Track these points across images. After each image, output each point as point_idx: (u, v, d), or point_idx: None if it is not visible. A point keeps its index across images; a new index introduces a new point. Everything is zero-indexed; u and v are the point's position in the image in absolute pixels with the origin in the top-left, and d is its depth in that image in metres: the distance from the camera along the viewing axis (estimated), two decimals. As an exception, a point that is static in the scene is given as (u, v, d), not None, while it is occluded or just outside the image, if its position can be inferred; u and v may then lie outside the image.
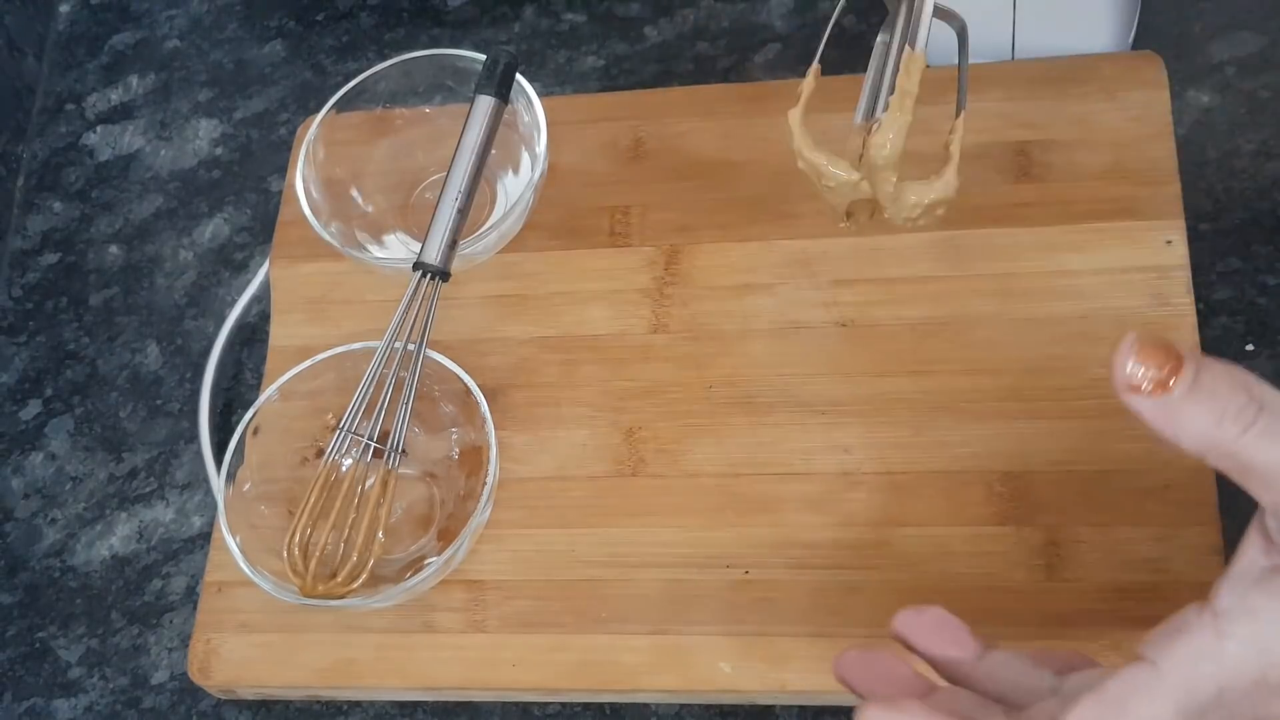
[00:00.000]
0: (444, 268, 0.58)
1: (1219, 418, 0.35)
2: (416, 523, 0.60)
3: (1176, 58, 0.62)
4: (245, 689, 0.59)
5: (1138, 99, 0.60)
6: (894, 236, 0.59)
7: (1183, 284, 0.56)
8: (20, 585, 0.65)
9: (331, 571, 0.56)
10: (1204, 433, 0.35)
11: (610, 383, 0.60)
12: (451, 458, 0.60)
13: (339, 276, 0.65)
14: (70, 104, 0.80)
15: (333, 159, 0.64)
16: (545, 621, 0.56)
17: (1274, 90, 0.62)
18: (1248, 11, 0.64)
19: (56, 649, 0.63)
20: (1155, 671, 0.34)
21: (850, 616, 0.53)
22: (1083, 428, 0.54)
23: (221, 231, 0.73)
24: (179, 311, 0.71)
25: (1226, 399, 0.35)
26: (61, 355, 0.71)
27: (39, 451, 0.69)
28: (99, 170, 0.77)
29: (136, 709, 0.61)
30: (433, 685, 0.56)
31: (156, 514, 0.65)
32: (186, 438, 0.67)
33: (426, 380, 0.59)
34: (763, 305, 0.60)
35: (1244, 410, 0.35)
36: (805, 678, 0.53)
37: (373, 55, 0.76)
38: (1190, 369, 0.35)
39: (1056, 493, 0.53)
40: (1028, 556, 0.53)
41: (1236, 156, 0.61)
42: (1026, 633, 0.51)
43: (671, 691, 0.54)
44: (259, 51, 0.78)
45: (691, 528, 0.56)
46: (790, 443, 0.57)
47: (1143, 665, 0.35)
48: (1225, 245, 0.59)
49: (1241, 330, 0.57)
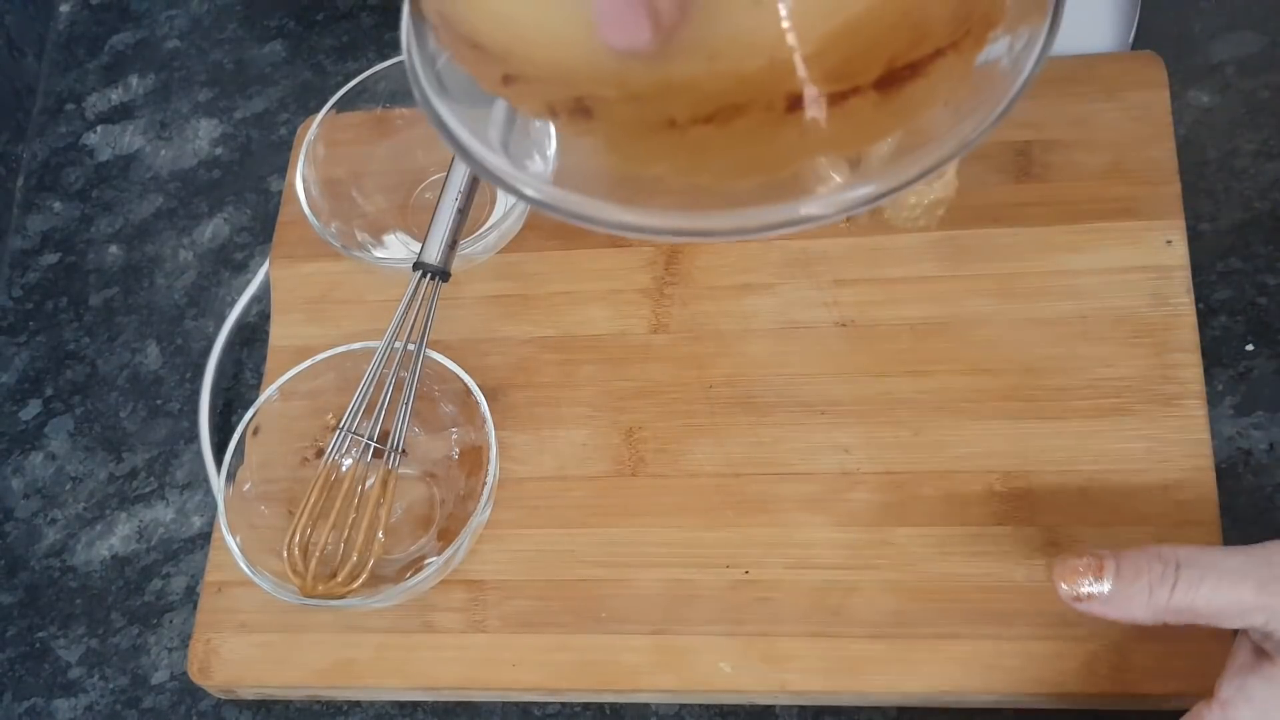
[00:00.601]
0: (444, 268, 0.58)
1: (1149, 589, 0.42)
2: (416, 523, 0.60)
3: (1177, 58, 0.62)
4: (245, 689, 0.59)
5: (1138, 99, 0.60)
6: (894, 236, 0.59)
7: (1183, 284, 0.56)
8: (20, 585, 0.65)
9: (331, 571, 0.56)
10: (1144, 604, 0.42)
11: (610, 383, 0.60)
12: (451, 458, 0.60)
13: (339, 276, 0.65)
14: (70, 104, 0.80)
15: (333, 159, 0.64)
16: (545, 621, 0.56)
17: (1274, 90, 0.62)
18: (1248, 11, 0.64)
19: (56, 649, 0.63)
20: None
21: (850, 616, 0.53)
22: (1083, 428, 0.54)
23: (221, 231, 0.73)
24: (179, 311, 0.71)
25: (1147, 572, 0.42)
26: (61, 355, 0.71)
27: (39, 451, 0.69)
28: (99, 170, 0.77)
29: (136, 709, 0.61)
30: (433, 685, 0.56)
31: (156, 514, 0.65)
32: (186, 438, 0.67)
33: (426, 380, 0.59)
34: (763, 305, 0.60)
35: (1165, 574, 0.42)
36: (805, 678, 0.53)
37: (373, 55, 0.76)
38: (1110, 565, 0.43)
39: (1056, 493, 0.53)
40: (1028, 556, 0.53)
41: (1237, 156, 0.61)
42: (1026, 633, 0.51)
43: (671, 691, 0.54)
44: (259, 51, 0.78)
45: (691, 528, 0.56)
46: (790, 443, 0.57)
47: None
48: (1225, 245, 0.59)
49: (1242, 330, 0.57)
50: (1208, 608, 0.41)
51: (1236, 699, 0.41)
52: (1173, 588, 0.42)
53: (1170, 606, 0.42)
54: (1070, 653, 0.50)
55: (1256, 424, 0.56)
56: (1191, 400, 0.54)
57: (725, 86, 0.33)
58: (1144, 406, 0.54)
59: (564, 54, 0.34)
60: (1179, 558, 0.42)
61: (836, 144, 0.35)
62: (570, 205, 0.37)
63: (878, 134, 0.35)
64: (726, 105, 0.33)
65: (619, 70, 0.33)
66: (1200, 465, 0.53)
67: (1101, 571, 0.43)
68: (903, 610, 0.53)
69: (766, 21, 0.32)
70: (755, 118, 0.33)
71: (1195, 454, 0.53)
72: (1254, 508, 0.54)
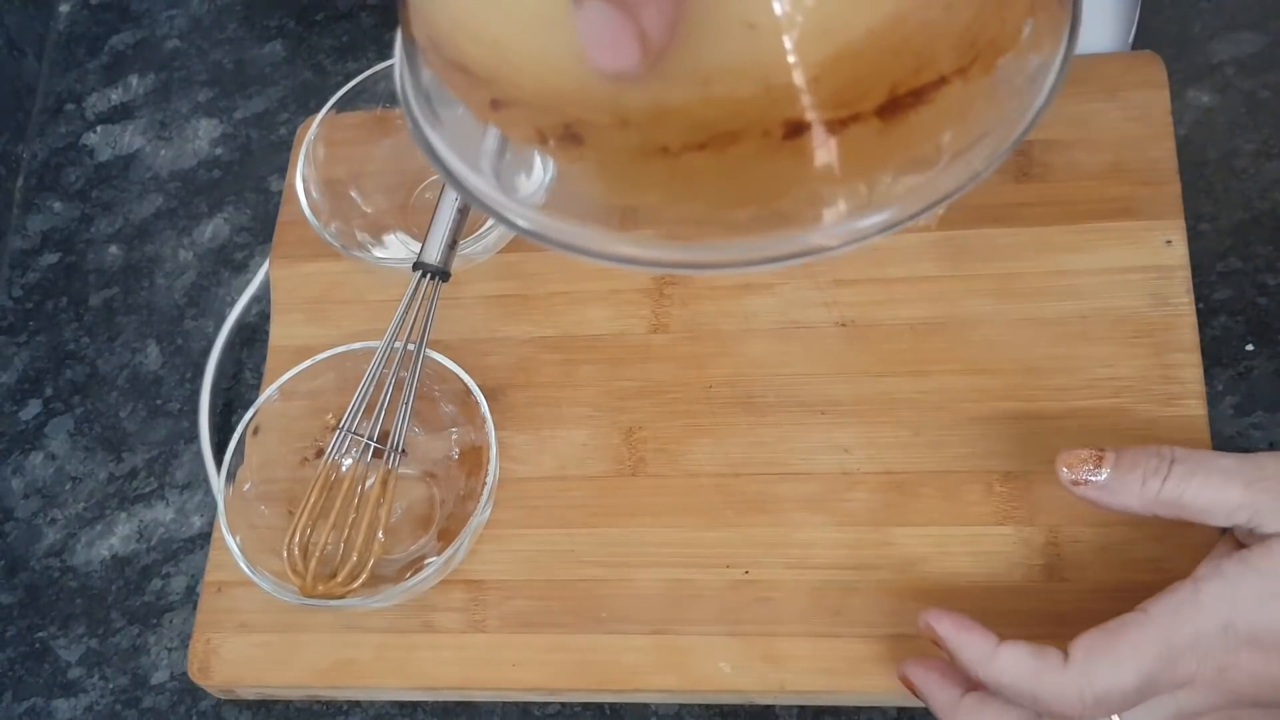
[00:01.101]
0: (444, 268, 0.58)
1: (1142, 479, 0.45)
2: (416, 523, 0.60)
3: (1176, 57, 0.62)
4: (245, 689, 0.59)
5: (1138, 99, 0.60)
6: (894, 236, 0.59)
7: (1183, 284, 0.56)
8: (20, 585, 0.65)
9: (331, 571, 0.56)
10: (1137, 494, 0.45)
11: (610, 383, 0.60)
12: (451, 458, 0.60)
13: (339, 276, 0.65)
14: (70, 104, 0.80)
15: (333, 159, 0.64)
16: (545, 621, 0.56)
17: (1274, 90, 0.62)
18: (1247, 11, 0.64)
19: (56, 649, 0.63)
20: (1145, 615, 0.43)
21: (850, 616, 0.53)
22: (1083, 427, 0.54)
23: (221, 231, 0.73)
24: (179, 311, 0.71)
25: (1143, 464, 0.45)
26: (61, 355, 0.71)
27: (39, 451, 0.69)
28: (99, 170, 0.77)
29: (136, 709, 0.61)
30: (433, 685, 0.56)
31: (156, 514, 0.65)
32: (186, 438, 0.67)
33: (426, 380, 0.59)
34: (763, 305, 0.60)
35: (1159, 467, 0.44)
36: (805, 678, 0.53)
37: (373, 55, 0.76)
38: (1109, 456, 0.46)
39: (1056, 492, 0.53)
40: (1027, 556, 0.53)
41: (1236, 156, 0.61)
42: (1026, 633, 0.51)
43: (671, 691, 0.54)
44: (259, 51, 0.78)
45: (691, 527, 0.56)
46: (790, 443, 0.57)
47: (1135, 612, 0.43)
48: (1225, 245, 0.59)
49: (1242, 330, 0.57)
50: (1195, 501, 0.44)
51: (1210, 575, 0.43)
52: (1164, 479, 0.44)
53: (1161, 498, 0.44)
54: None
55: (1256, 424, 0.56)
56: (1191, 400, 0.54)
57: (719, 113, 0.32)
58: (1144, 406, 0.54)
59: (552, 78, 0.33)
60: (1174, 454, 0.44)
61: (837, 173, 0.34)
62: (562, 236, 0.36)
63: (881, 162, 0.34)
64: (721, 132, 0.32)
65: (609, 95, 0.32)
66: (1200, 465, 0.53)
67: (1101, 462, 0.45)
68: (903, 610, 0.53)
69: (762, 46, 0.31)
70: (751, 145, 0.32)
71: (1195, 454, 0.53)
72: (1254, 508, 0.54)
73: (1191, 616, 0.42)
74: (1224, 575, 0.42)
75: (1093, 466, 0.46)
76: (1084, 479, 0.46)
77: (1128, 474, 0.45)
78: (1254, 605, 0.42)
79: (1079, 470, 0.46)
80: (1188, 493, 0.44)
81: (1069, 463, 0.46)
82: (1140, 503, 0.45)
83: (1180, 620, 0.42)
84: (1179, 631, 0.42)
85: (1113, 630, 0.43)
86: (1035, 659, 0.44)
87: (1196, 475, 0.44)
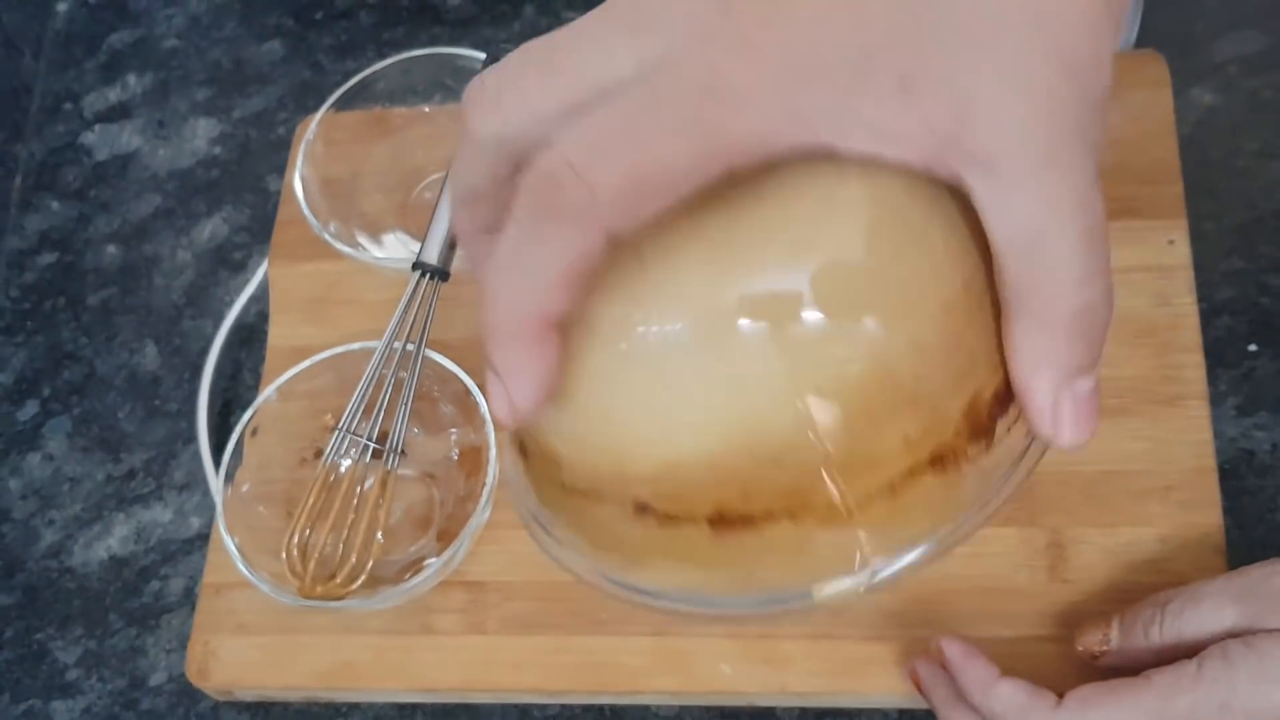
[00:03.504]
0: (444, 268, 0.58)
1: (1144, 632, 0.46)
2: (416, 524, 0.59)
3: (1179, 57, 0.62)
4: (243, 691, 0.58)
5: (1140, 98, 0.59)
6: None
7: (1185, 284, 0.56)
8: (18, 586, 0.65)
9: (330, 573, 0.56)
10: (1145, 646, 0.46)
11: (610, 383, 0.60)
12: (451, 458, 0.60)
13: (338, 276, 0.65)
14: (68, 103, 0.79)
15: (332, 158, 0.64)
16: (545, 623, 0.56)
17: (1277, 89, 0.62)
18: (1250, 10, 0.64)
19: (54, 650, 0.63)
20: (1146, 681, 0.44)
21: (850, 617, 0.53)
22: (1085, 428, 0.54)
23: (220, 231, 0.72)
24: (177, 311, 0.71)
25: (1142, 617, 0.46)
26: (59, 355, 0.71)
27: (36, 452, 0.68)
28: (97, 170, 0.76)
29: (134, 711, 0.61)
30: (432, 687, 0.56)
31: (154, 515, 0.65)
32: (185, 438, 0.67)
33: (426, 380, 0.59)
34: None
35: (1153, 615, 0.46)
36: (806, 679, 0.52)
37: (372, 54, 0.75)
38: (1115, 620, 0.47)
39: (1059, 493, 0.53)
40: (1030, 557, 0.52)
41: (1239, 156, 0.61)
42: (1028, 634, 0.51)
43: (672, 693, 0.54)
44: (257, 50, 0.78)
45: (692, 529, 0.56)
46: (791, 443, 0.57)
47: (1139, 678, 0.44)
48: (1228, 245, 0.59)
49: (1244, 330, 0.57)
50: (1197, 634, 0.45)
51: (1214, 654, 0.43)
52: (1160, 625, 0.46)
53: (1165, 642, 0.45)
54: (1070, 653, 0.50)
55: (1259, 424, 0.55)
56: (1194, 400, 0.54)
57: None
58: (1146, 407, 0.54)
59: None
60: (1165, 597, 0.46)
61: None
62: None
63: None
64: None
65: None
66: (1203, 466, 0.53)
67: (1109, 627, 0.47)
68: (903, 610, 0.52)
69: None
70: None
71: (1198, 455, 0.53)
72: (1257, 509, 0.54)
73: (1190, 689, 0.43)
74: (1227, 656, 0.43)
75: (1103, 636, 0.47)
76: (1099, 649, 0.47)
77: (1131, 631, 0.47)
78: (1251, 688, 0.42)
79: (1093, 644, 0.48)
80: (1186, 629, 0.45)
81: (1084, 642, 0.48)
82: (1151, 655, 0.46)
83: (1179, 691, 0.43)
84: (1176, 702, 0.43)
85: (1112, 688, 0.44)
86: (1030, 696, 0.45)
87: (1186, 610, 0.45)
